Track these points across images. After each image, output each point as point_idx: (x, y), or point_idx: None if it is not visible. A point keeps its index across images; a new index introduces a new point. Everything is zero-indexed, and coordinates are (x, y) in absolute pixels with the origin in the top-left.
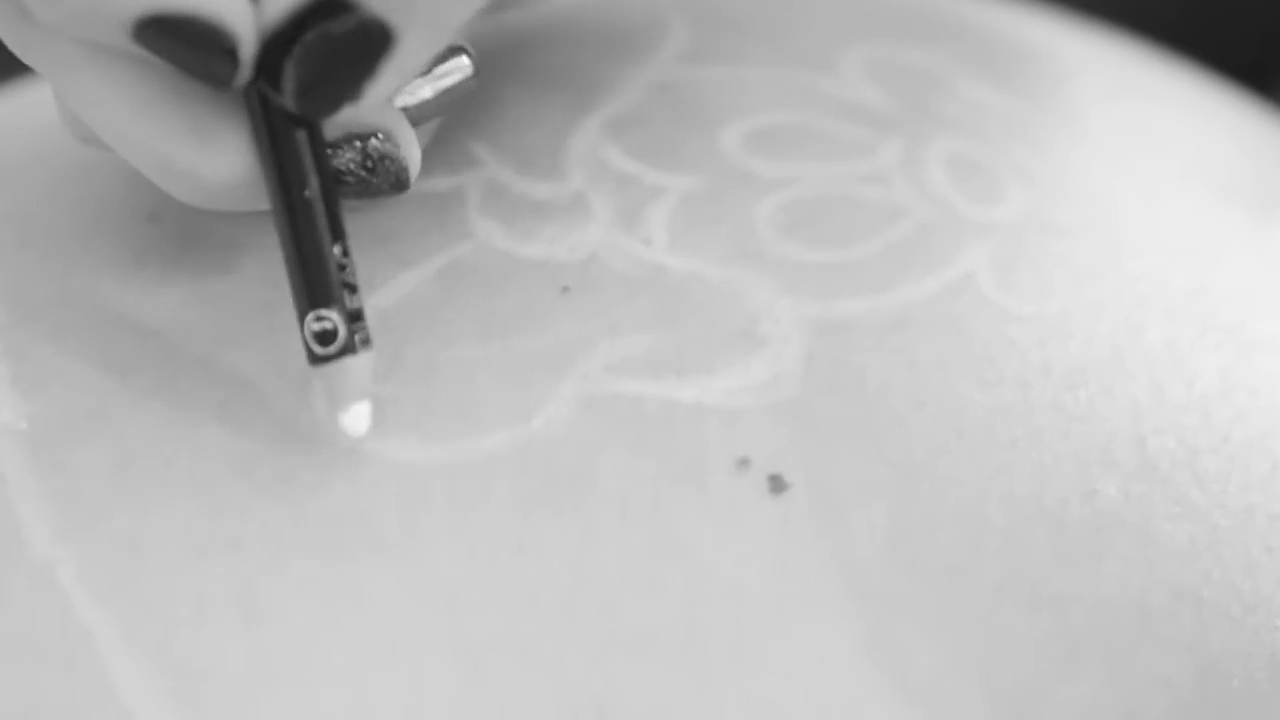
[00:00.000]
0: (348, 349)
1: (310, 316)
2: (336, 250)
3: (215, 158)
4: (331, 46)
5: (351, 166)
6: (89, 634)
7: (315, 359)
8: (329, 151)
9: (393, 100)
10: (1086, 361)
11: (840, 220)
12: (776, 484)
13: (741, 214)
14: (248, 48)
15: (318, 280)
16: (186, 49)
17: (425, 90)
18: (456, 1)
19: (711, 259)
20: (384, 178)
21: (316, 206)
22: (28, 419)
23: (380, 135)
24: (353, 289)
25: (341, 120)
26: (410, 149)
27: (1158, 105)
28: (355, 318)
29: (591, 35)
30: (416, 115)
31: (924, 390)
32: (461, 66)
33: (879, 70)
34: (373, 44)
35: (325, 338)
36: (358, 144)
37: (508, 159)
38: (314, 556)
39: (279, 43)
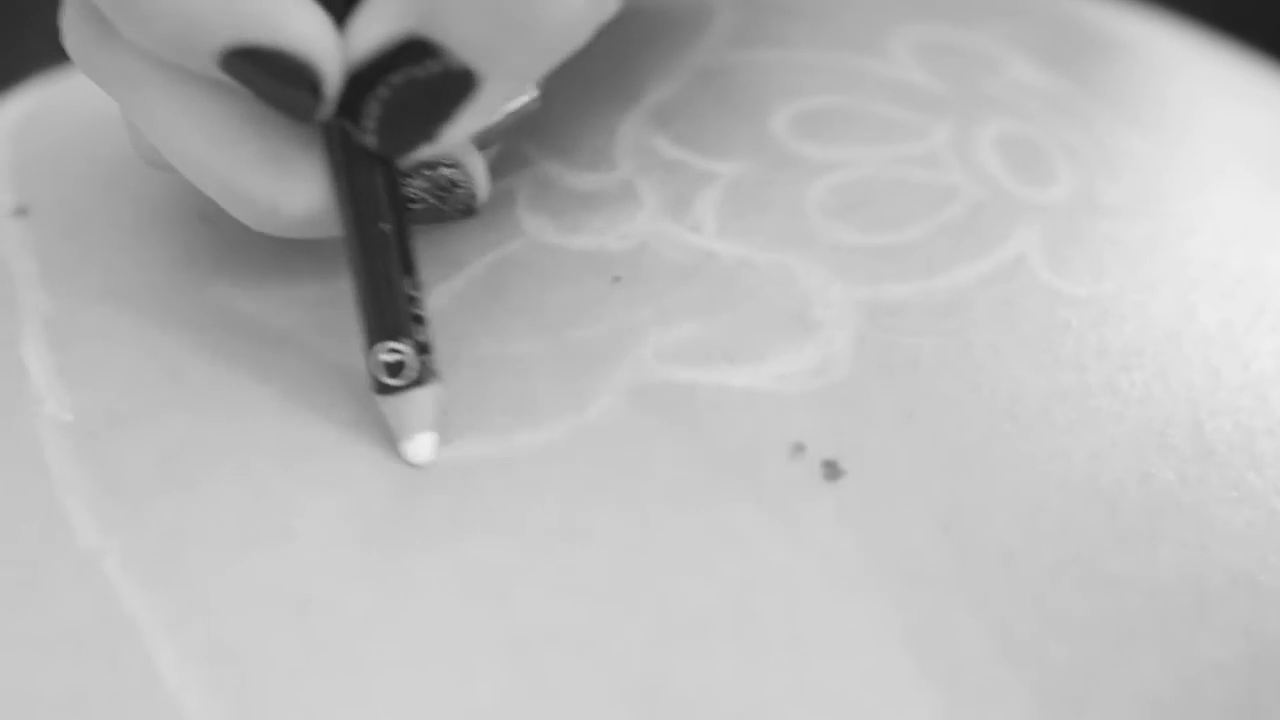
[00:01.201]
0: (418, 381)
1: (381, 348)
2: (407, 283)
3: (292, 189)
4: (416, 91)
5: (422, 194)
6: (134, 623)
7: (383, 389)
8: (400, 179)
9: None
10: (1142, 343)
11: (891, 203)
12: (831, 470)
13: (791, 198)
14: (333, 84)
15: (390, 312)
16: (273, 81)
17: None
18: (541, 54)
19: (761, 244)
20: (454, 204)
21: (391, 240)
22: (73, 411)
23: (450, 163)
24: (422, 321)
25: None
26: (479, 176)
27: (1207, 87)
28: (423, 350)
29: (636, 22)
30: (482, 140)
31: (978, 374)
32: (527, 90)
33: (928, 51)
34: (456, 90)
35: (395, 369)
36: (427, 172)
37: (555, 153)
38: (367, 548)
39: (363, 81)
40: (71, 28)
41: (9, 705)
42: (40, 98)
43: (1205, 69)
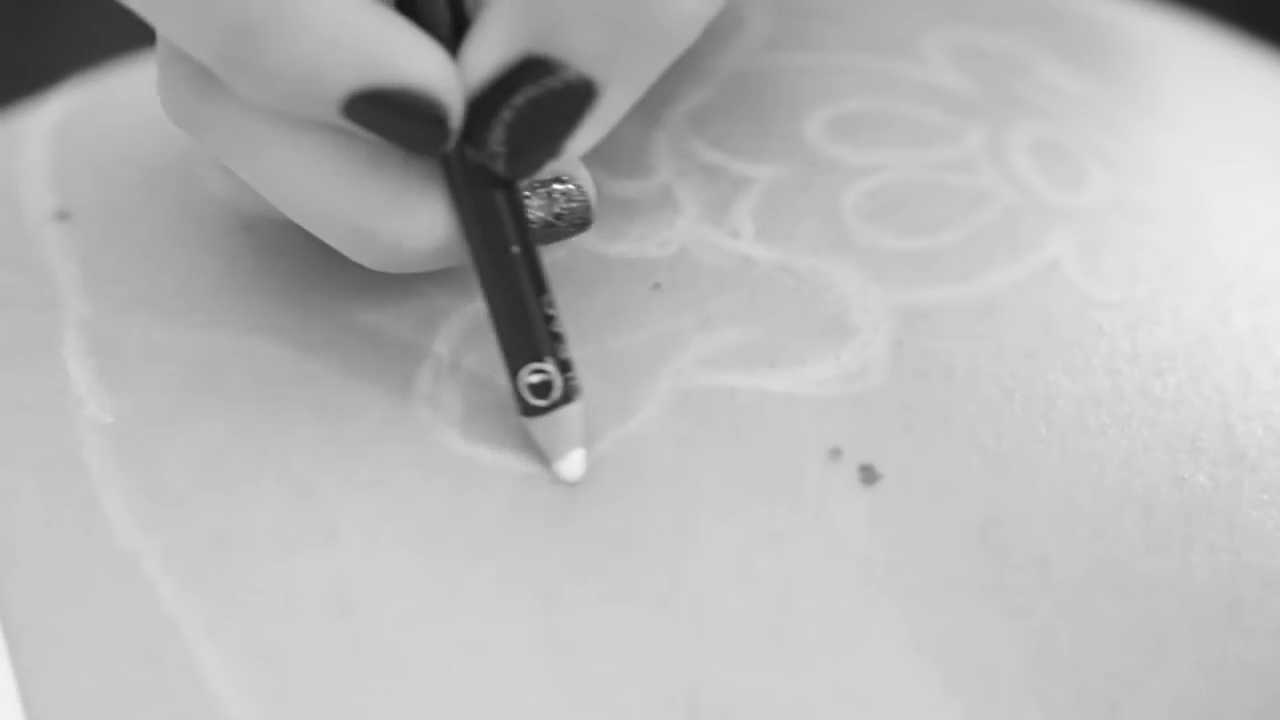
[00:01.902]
0: (564, 399)
1: (526, 370)
2: (543, 302)
3: (417, 225)
4: (538, 109)
5: (540, 213)
6: (174, 624)
7: (530, 411)
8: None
9: None
10: (1175, 347)
11: (926, 207)
12: (868, 475)
13: (828, 203)
14: (457, 116)
15: (530, 334)
16: (400, 121)
17: None
18: (659, 55)
19: (799, 249)
20: (570, 220)
21: (521, 262)
22: (113, 413)
23: (564, 178)
24: (561, 339)
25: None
26: (590, 189)
27: (1239, 89)
28: (565, 367)
29: None
30: None
31: (1012, 378)
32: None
33: (961, 54)
34: (577, 102)
35: (542, 390)
36: (542, 190)
37: (593, 160)
38: (411, 551)
39: (483, 106)
40: (170, 90)
41: (50, 706)
42: (80, 99)
43: (1234, 70)
